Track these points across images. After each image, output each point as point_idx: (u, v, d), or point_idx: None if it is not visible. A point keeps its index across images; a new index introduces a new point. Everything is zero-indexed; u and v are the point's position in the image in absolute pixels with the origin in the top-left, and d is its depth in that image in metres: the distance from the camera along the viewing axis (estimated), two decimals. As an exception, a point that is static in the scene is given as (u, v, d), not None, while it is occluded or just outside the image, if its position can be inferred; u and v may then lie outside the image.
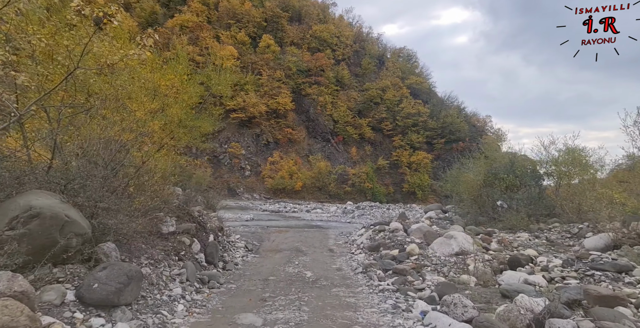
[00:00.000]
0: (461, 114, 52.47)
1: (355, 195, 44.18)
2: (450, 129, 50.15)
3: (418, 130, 50.41)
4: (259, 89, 48.43)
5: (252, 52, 50.89)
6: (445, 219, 13.73)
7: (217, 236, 8.65)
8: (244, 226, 17.93)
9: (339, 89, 52.57)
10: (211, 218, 9.28)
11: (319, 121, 50.80)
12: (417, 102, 51.78)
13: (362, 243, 11.44)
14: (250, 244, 11.78)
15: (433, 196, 48.33)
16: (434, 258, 7.15)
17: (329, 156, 49.09)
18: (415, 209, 37.04)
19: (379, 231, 11.67)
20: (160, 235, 6.53)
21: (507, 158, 14.21)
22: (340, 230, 17.93)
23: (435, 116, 51.34)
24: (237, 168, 45.29)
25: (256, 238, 13.46)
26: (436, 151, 50.17)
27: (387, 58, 58.97)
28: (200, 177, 36.81)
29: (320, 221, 22.80)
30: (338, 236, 15.24)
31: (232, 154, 45.05)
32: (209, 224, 8.47)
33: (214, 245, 7.15)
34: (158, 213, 6.38)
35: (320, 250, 11.49)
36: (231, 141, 45.93)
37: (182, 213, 7.53)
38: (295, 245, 12.43)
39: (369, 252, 9.74)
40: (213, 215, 9.74)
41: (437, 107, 53.01)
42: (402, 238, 9.09)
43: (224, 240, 9.52)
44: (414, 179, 47.30)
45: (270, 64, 50.19)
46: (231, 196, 42.18)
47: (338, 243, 13.12)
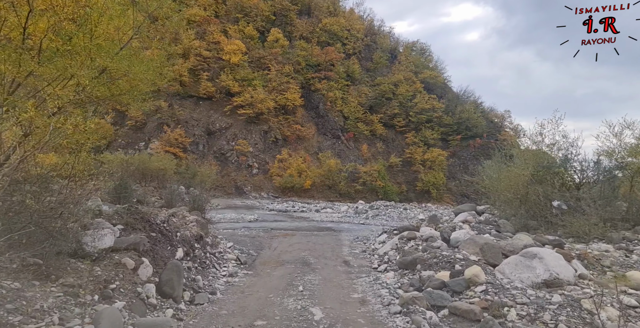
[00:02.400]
0: (478, 110, 49.19)
1: (366, 194, 41.42)
2: (467, 125, 46.96)
3: (432, 126, 47.36)
4: (267, 84, 46.01)
5: (260, 46, 48.53)
6: (486, 223, 11.02)
7: (192, 249, 6.10)
8: (245, 229, 15.44)
9: (350, 84, 49.84)
10: (187, 223, 6.74)
11: (328, 117, 48.17)
12: (431, 97, 48.70)
13: (386, 255, 8.79)
14: (245, 254, 9.23)
15: (449, 195, 45.32)
16: (514, 291, 4.48)
17: (339, 153, 46.39)
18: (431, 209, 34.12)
19: (407, 239, 9.01)
20: (84, 255, 3.98)
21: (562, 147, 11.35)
22: (355, 233, 15.29)
23: (451, 112, 48.20)
24: (245, 166, 42.95)
25: (255, 245, 10.91)
26: (452, 148, 47.05)
27: (400, 52, 55.94)
28: (204, 174, 34.53)
29: (330, 222, 20.17)
30: (353, 242, 12.60)
31: (240, 151, 42.72)
32: (179, 232, 5.92)
33: (176, 267, 4.61)
34: (71, 220, 3.83)
35: (333, 263, 8.88)
36: (238, 138, 43.59)
37: (134, 219, 4.99)
38: (302, 254, 9.83)
39: (400, 270, 7.09)
40: (191, 219, 7.21)
41: (452, 102, 49.84)
42: (448, 253, 6.40)
43: (207, 252, 6.97)
44: (428, 177, 44.30)
45: (279, 58, 47.74)
46: (238, 195, 39.89)
47: (354, 252, 10.48)
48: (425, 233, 9.12)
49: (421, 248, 7.98)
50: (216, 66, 45.35)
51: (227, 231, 14.14)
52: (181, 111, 42.42)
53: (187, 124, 42.35)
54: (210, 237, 7.96)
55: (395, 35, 58.65)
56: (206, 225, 7.95)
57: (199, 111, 44.23)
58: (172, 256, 5.35)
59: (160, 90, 43.60)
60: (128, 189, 8.72)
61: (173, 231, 5.66)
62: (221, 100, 44.40)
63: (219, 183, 40.64)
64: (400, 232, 10.19)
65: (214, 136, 43.68)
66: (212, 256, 7.20)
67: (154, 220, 5.43)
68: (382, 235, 11.24)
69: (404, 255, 7.95)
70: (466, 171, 48.09)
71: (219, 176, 40.62)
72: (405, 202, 39.15)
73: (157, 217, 5.77)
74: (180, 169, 33.33)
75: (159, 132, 41.00)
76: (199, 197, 9.61)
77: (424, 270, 6.26)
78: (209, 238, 7.76)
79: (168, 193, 9.44)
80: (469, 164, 46.81)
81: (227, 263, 7.73)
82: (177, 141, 39.74)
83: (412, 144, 46.99)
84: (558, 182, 10.63)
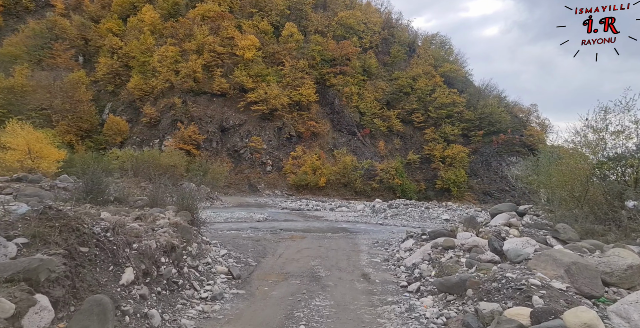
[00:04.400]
0: (502, 104, 46.02)
1: (383, 192, 39.22)
2: (490, 120, 43.96)
3: (453, 121, 44.59)
4: (281, 80, 44.37)
5: (274, 41, 46.92)
6: (536, 226, 8.90)
7: (155, 266, 4.33)
8: (251, 229, 13.72)
9: (366, 79, 47.60)
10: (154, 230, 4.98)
11: (344, 113, 46.11)
12: (451, 91, 45.89)
13: (417, 268, 6.83)
14: (241, 264, 7.44)
15: (470, 193, 42.56)
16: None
17: (354, 150, 44.33)
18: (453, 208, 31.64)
19: (444, 249, 7.01)
20: None
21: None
22: (373, 235, 13.32)
23: (473, 106, 45.28)
24: (258, 163, 41.49)
25: (257, 251, 9.13)
26: (473, 144, 44.16)
27: (418, 45, 53.16)
28: (216, 172, 33.16)
29: (346, 222, 18.23)
30: (373, 247, 10.65)
31: (253, 148, 41.26)
32: (136, 244, 4.16)
33: (98, 307, 2.79)
34: None
35: (349, 277, 6.99)
36: (252, 134, 42.14)
37: (50, 227, 3.26)
38: (311, 264, 7.98)
39: (441, 293, 5.13)
40: (163, 223, 5.45)
41: (474, 96, 46.86)
42: (514, 275, 4.40)
43: (183, 267, 5.21)
44: (448, 175, 41.66)
45: (293, 53, 45.99)
46: (252, 192, 38.44)
47: (375, 262, 8.55)
48: (466, 240, 7.10)
49: (465, 262, 5.98)
50: (230, 62, 44.04)
51: (229, 232, 12.45)
52: (195, 107, 41.31)
53: (201, 121, 41.21)
54: (195, 245, 6.20)
55: (413, 28, 55.92)
56: (189, 230, 6.19)
57: (212, 107, 43.03)
58: (115, 281, 3.58)
59: (175, 86, 42.79)
60: (101, 185, 7.08)
61: (121, 243, 3.90)
62: (235, 96, 43.07)
63: (232, 180, 39.33)
64: (432, 238, 8.19)
65: (228, 132, 42.39)
66: (191, 272, 5.43)
67: (89, 227, 3.67)
68: (408, 241, 9.25)
69: (443, 271, 5.97)
70: (489, 168, 45.21)
71: (232, 174, 39.31)
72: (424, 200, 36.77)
73: (98, 223, 4.01)
74: (192, 166, 32.10)
75: (172, 129, 40.03)
76: (190, 194, 7.88)
77: (480, 298, 4.29)
78: (192, 246, 6.00)
79: (153, 189, 7.75)
80: (491, 161, 43.92)
81: (214, 278, 5.95)
82: (190, 138, 38.65)
83: (432, 141, 44.39)
84: (632, 177, 8.36)
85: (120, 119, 39.38)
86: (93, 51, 44.42)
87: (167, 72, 41.03)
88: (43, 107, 36.45)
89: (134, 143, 38.29)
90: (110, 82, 42.55)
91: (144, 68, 41.93)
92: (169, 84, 41.24)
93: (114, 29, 44.98)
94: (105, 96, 42.95)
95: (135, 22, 45.33)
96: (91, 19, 46.86)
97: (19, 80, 36.02)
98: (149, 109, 40.37)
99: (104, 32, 44.44)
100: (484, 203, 39.14)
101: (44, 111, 36.41)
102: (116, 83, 42.66)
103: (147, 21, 45.30)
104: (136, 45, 42.54)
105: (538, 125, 45.65)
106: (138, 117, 41.53)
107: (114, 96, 43.00)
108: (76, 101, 38.02)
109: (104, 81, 42.47)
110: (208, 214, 18.29)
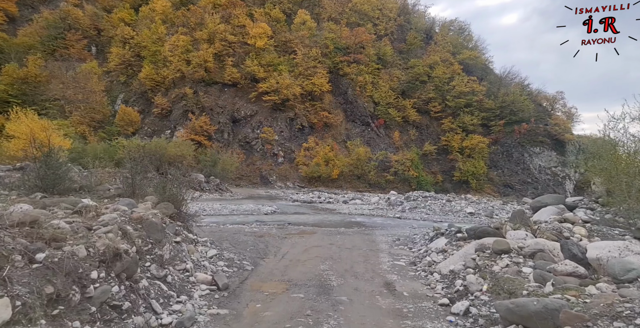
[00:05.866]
0: (524, 92, 42.95)
1: (397, 184, 37.26)
2: (512, 109, 41.10)
3: (472, 111, 41.92)
4: (293, 69, 42.52)
5: (286, 29, 44.98)
6: (606, 223, 7.04)
7: (77, 286, 2.75)
8: (257, 223, 12.23)
9: (381, 67, 45.23)
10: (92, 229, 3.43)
11: (357, 103, 44.01)
12: (471, 79, 43.10)
13: (458, 277, 5.13)
14: (232, 269, 5.89)
15: (490, 185, 40.11)
16: None
17: (368, 141, 42.31)
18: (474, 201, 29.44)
19: (494, 253, 5.27)
20: None
21: None
22: (393, 231, 11.63)
23: (493, 95, 42.44)
24: (270, 155, 40.04)
25: (257, 250, 7.58)
26: (494, 134, 41.48)
27: (436, 32, 50.21)
28: (226, 162, 31.85)
29: (360, 215, 16.57)
30: (393, 245, 8.97)
31: (265, 139, 39.79)
32: (50, 252, 2.58)
33: None
34: None
35: (368, 287, 5.35)
36: (264, 125, 40.63)
37: None
38: (320, 268, 6.38)
39: (511, 325, 3.43)
40: (107, 220, 3.90)
41: (494, 84, 43.93)
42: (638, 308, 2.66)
43: (140, 281, 3.66)
44: (466, 166, 39.26)
45: (306, 41, 43.97)
46: (263, 184, 37.12)
47: (399, 265, 6.88)
48: (522, 242, 5.34)
49: (532, 275, 4.24)
50: (241, 51, 42.44)
51: (232, 227, 10.98)
52: (206, 98, 40.03)
53: (212, 112, 39.95)
54: (167, 247, 4.65)
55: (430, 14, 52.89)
56: (158, 228, 4.63)
57: (223, 98, 41.66)
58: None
59: (186, 77, 41.59)
60: (58, 170, 5.61)
61: (17, 252, 2.36)
62: (246, 86, 41.54)
63: (244, 172, 38.07)
64: (471, 236, 6.44)
65: (239, 123, 41.01)
66: (154, 286, 3.88)
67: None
68: (439, 239, 7.52)
69: (501, 286, 4.24)
70: (510, 159, 42.50)
71: (243, 165, 38.03)
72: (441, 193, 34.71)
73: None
74: (201, 156, 30.88)
75: (184, 120, 38.94)
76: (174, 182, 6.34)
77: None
78: (162, 249, 4.46)
79: (128, 176, 6.24)
80: (513, 152, 41.24)
81: (191, 291, 4.41)
82: (202, 128, 37.45)
83: (449, 131, 41.92)
84: None
85: (131, 110, 38.51)
86: (105, 42, 43.56)
87: (178, 62, 39.81)
88: (56, 97, 35.84)
89: (146, 134, 37.38)
90: (122, 72, 41.69)
91: (155, 58, 40.84)
92: (180, 74, 40.04)
93: (126, 18, 43.94)
94: (118, 86, 42.15)
95: (147, 12, 44.18)
96: (104, 8, 45.96)
97: (32, 70, 35.45)
98: (161, 100, 39.35)
99: (116, 22, 43.48)
100: (505, 196, 36.75)
101: (57, 102, 35.81)
102: (128, 74, 41.77)
103: (159, 10, 44.07)
104: (147, 34, 41.42)
105: (564, 114, 42.54)
106: (150, 108, 40.60)
107: (126, 86, 42.15)
108: (89, 92, 37.29)
109: (116, 71, 41.63)
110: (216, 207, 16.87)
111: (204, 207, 15.47)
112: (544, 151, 40.08)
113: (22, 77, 34.74)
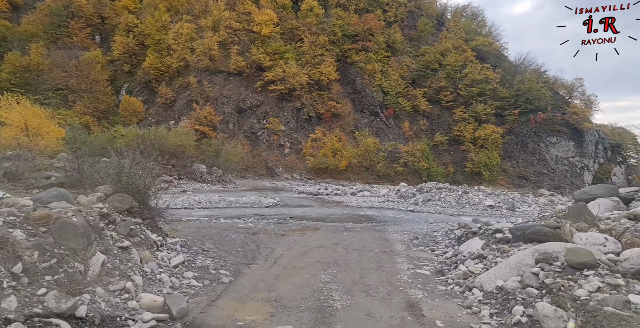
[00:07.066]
0: (541, 79, 40.32)
1: (407, 176, 35.50)
2: (527, 97, 38.64)
3: (485, 100, 39.60)
4: (299, 57, 40.63)
5: (293, 16, 42.94)
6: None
7: None
8: (255, 217, 10.79)
9: (390, 55, 43.02)
10: None
11: (366, 93, 42.03)
12: (484, 66, 40.64)
13: (519, 304, 3.57)
14: (203, 280, 4.44)
15: (503, 177, 38.03)
16: None
17: (377, 131, 40.46)
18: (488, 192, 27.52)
19: (574, 270, 3.65)
20: None
21: None
22: (407, 227, 10.06)
23: (508, 83, 39.97)
24: (276, 145, 38.53)
25: (244, 252, 6.10)
26: (508, 123, 39.18)
27: (448, 18, 47.55)
28: (230, 153, 30.44)
29: (370, 208, 15.00)
30: (411, 245, 7.40)
31: (271, 130, 38.26)
32: None
33: None
34: None
35: (386, 315, 3.81)
36: (270, 115, 39.05)
37: None
38: (321, 279, 4.86)
39: None
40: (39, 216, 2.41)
41: (509, 72, 41.40)
42: None
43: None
44: (479, 157, 37.20)
45: (313, 29, 41.94)
46: (269, 176, 35.74)
47: (423, 275, 5.31)
48: (604, 249, 3.71)
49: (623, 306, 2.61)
50: (247, 39, 40.66)
51: (224, 222, 9.55)
52: (210, 87, 38.52)
53: (217, 102, 38.48)
54: (95, 258, 3.15)
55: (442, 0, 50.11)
56: (81, 232, 3.15)
57: (229, 87, 40.10)
58: None
59: (190, 65, 40.09)
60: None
61: None
62: (252, 75, 39.88)
63: (249, 163, 36.72)
64: (519, 239, 4.83)
65: (245, 114, 39.50)
66: None
67: None
68: (472, 241, 5.93)
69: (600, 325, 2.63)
70: (525, 149, 40.23)
71: (249, 157, 36.66)
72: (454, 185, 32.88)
73: None
74: (204, 147, 29.52)
75: (188, 110, 37.59)
76: (133, 169, 4.82)
77: None
78: (87, 263, 2.95)
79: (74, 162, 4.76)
80: (528, 142, 38.95)
81: (124, 324, 2.89)
82: (206, 118, 36.06)
83: (461, 121, 39.75)
84: None
85: (135, 100, 37.27)
86: (109, 30, 42.16)
87: (182, 50, 38.29)
88: (59, 86, 34.74)
89: (150, 124, 36.16)
90: (126, 62, 40.39)
91: (159, 46, 39.37)
92: (184, 63, 38.54)
93: (130, 6, 42.40)
94: (122, 76, 40.91)
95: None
96: (107, -4, 44.45)
97: (34, 58, 34.34)
98: (165, 90, 38.02)
99: (120, 10, 41.99)
100: (519, 188, 34.70)
101: (60, 91, 34.72)
102: (132, 63, 40.45)
103: (162, -2, 42.35)
104: (151, 22, 39.87)
105: (583, 102, 39.89)
106: (154, 97, 39.34)
107: (130, 76, 40.89)
108: (92, 81, 36.12)
109: (121, 60, 40.34)
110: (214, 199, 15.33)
111: (200, 199, 14.08)
112: (561, 141, 37.73)
113: (24, 65, 33.67)
